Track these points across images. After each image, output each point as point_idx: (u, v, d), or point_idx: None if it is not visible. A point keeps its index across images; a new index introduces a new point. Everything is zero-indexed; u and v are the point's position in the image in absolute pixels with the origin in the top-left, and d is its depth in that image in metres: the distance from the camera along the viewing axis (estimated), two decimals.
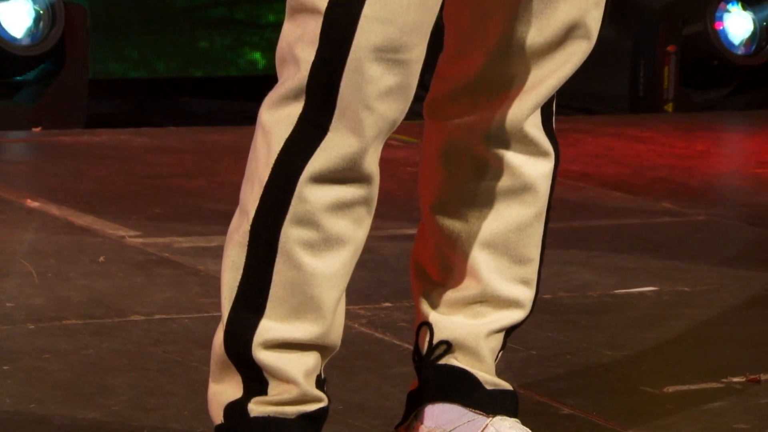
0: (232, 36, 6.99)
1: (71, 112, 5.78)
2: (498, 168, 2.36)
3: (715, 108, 6.15)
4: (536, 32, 2.31)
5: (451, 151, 2.38)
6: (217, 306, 2.20)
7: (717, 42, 6.13)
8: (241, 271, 2.21)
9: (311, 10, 2.13)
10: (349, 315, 2.42)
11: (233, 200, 4.12)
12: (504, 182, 2.37)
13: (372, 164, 2.17)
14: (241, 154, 4.77)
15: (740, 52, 6.11)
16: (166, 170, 4.73)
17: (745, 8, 6.18)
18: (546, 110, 2.39)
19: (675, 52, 6.05)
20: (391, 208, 3.33)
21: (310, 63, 2.13)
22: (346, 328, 2.28)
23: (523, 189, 2.38)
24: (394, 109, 2.15)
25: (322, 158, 2.15)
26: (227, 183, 4.52)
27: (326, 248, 2.18)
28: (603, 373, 2.98)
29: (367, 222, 2.21)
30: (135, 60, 6.88)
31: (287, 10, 2.17)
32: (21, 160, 4.96)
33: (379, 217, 2.22)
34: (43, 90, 5.77)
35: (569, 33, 2.32)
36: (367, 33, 2.12)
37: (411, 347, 2.42)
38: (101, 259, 3.72)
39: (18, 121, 5.68)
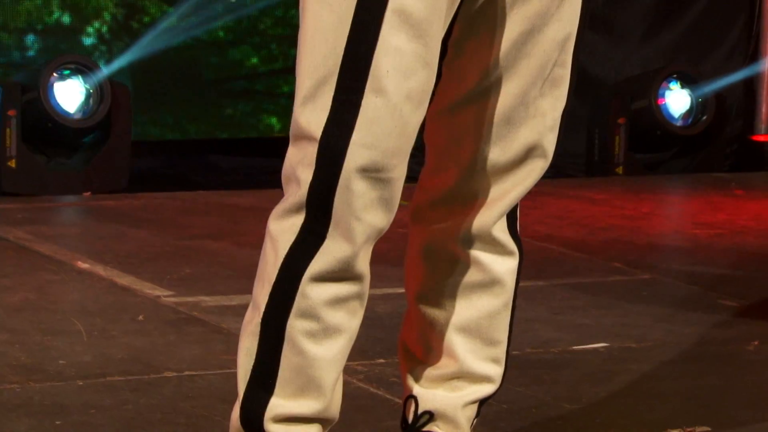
0: (252, 104, 6.99)
1: (116, 174, 5.76)
2: (471, 265, 2.37)
3: (658, 171, 6.13)
4: (501, 152, 2.32)
5: (432, 250, 2.39)
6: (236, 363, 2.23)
7: (659, 115, 6.12)
8: (254, 357, 2.24)
9: (309, 138, 2.13)
10: (347, 371, 2.44)
11: (251, 261, 4.12)
12: (476, 277, 2.38)
13: (363, 265, 2.19)
14: (257, 217, 4.79)
15: (679, 123, 6.10)
16: (195, 232, 4.70)
17: (683, 86, 6.18)
18: (511, 216, 2.40)
19: (624, 123, 6.05)
20: (385, 267, 3.29)
21: (309, 183, 2.14)
22: (346, 384, 2.29)
23: (492, 283, 2.39)
24: (380, 219, 2.16)
25: (320, 261, 2.17)
26: (246, 244, 4.50)
27: (326, 337, 2.20)
28: (562, 425, 2.97)
29: (360, 312, 2.24)
30: (170, 124, 6.87)
31: (290, 136, 2.18)
32: (74, 223, 4.94)
33: (373, 276, 2.22)
34: (93, 156, 5.75)
35: (528, 153, 2.33)
36: (355, 157, 2.13)
37: (401, 401, 2.44)
38: (140, 317, 3.69)
39: (72, 182, 5.66)
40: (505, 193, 2.34)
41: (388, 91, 2.14)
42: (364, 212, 2.15)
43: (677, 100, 6.13)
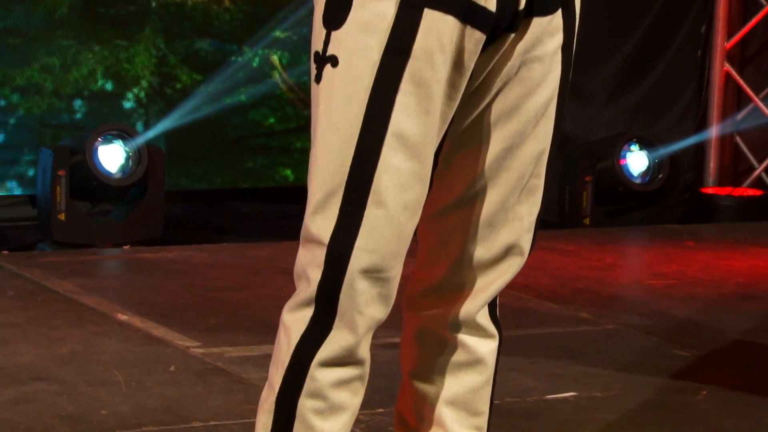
0: (269, 158, 7.00)
1: (152, 224, 5.75)
2: (458, 347, 2.37)
3: (620, 222, 6.11)
4: (484, 251, 2.31)
5: (424, 334, 2.39)
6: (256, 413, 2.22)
7: (621, 174, 6.11)
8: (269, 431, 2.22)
9: (318, 243, 2.13)
10: None
11: (268, 312, 4.14)
12: (462, 357, 2.37)
13: (364, 351, 2.20)
14: (273, 268, 4.80)
15: (638, 181, 6.08)
16: (220, 283, 4.66)
17: (641, 149, 6.18)
18: (492, 304, 2.39)
19: (591, 180, 6.04)
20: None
21: (317, 282, 2.13)
22: None
23: (476, 362, 2.38)
24: (380, 312, 2.16)
25: (327, 349, 2.17)
26: (264, 295, 4.47)
27: (332, 414, 2.20)
28: None
29: (362, 391, 2.25)
30: (199, 175, 6.87)
31: (301, 239, 2.19)
32: (115, 275, 4.87)
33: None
34: (132, 209, 5.74)
35: (508, 252, 2.32)
36: (359, 260, 2.12)
37: None
38: (172, 368, 3.66)
39: (113, 232, 5.66)
40: (487, 286, 2.33)
41: (387, 204, 2.13)
42: (366, 307, 2.15)
43: (636, 161, 6.12)
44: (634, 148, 6.12)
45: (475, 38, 2.14)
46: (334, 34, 2.13)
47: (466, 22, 2.12)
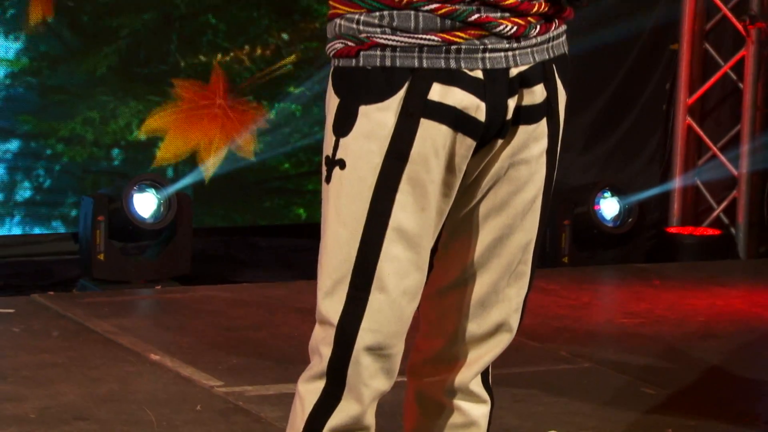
0: (285, 198, 6.99)
1: (181, 262, 5.72)
2: (453, 410, 2.37)
3: (595, 260, 6.08)
4: (477, 327, 2.31)
5: (423, 398, 2.39)
6: None
7: (595, 218, 6.09)
8: None
9: (329, 323, 2.15)
10: None
11: (283, 352, 4.10)
12: (458, 420, 2.37)
13: (370, 418, 2.22)
14: (289, 308, 4.77)
15: (610, 224, 6.06)
16: (240, 323, 4.63)
17: (613, 196, 6.15)
18: (484, 373, 2.38)
19: (569, 224, 6.01)
20: None
21: (328, 358, 2.15)
22: None
23: (470, 424, 2.38)
24: (383, 384, 2.18)
25: (337, 417, 2.17)
26: (280, 335, 4.44)
27: None
28: None
29: None
30: (222, 214, 6.85)
31: (316, 319, 2.18)
32: (148, 315, 4.82)
33: None
34: (162, 249, 5.72)
35: (498, 329, 2.32)
36: (364, 339, 2.13)
37: None
38: (198, 407, 3.63)
39: (147, 270, 5.63)
40: (480, 358, 2.34)
41: (389, 290, 2.14)
42: (371, 380, 2.16)
43: (609, 206, 6.10)
44: (607, 195, 6.10)
45: (466, 144, 2.14)
46: (342, 140, 2.14)
47: (458, 130, 2.13)
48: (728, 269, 5.93)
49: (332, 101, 2.15)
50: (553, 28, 2.18)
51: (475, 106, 2.11)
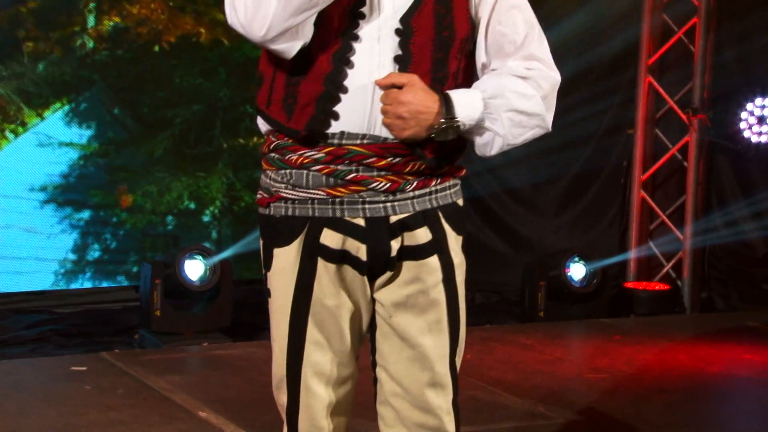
0: None
1: (223, 317, 5.69)
2: None
3: (567, 314, 6.04)
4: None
5: None
6: None
7: (566, 280, 6.03)
8: None
9: (282, 408, 2.26)
10: None
11: None
12: None
13: None
14: None
15: (578, 285, 6.02)
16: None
17: (580, 261, 6.12)
18: None
19: (544, 284, 5.98)
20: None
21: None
22: None
23: None
24: None
25: None
26: None
27: None
28: None
29: None
30: (256, 268, 6.79)
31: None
32: (195, 372, 4.71)
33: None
34: (208, 307, 5.69)
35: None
36: (303, 424, 2.22)
37: None
38: None
39: (195, 323, 5.60)
40: None
41: (312, 387, 2.19)
42: None
43: (577, 270, 6.07)
44: (576, 260, 6.06)
45: (358, 277, 2.18)
46: (268, 274, 2.22)
47: (346, 263, 2.17)
48: (675, 324, 5.89)
49: (260, 242, 2.24)
50: (433, 183, 2.18)
51: (356, 248, 2.15)
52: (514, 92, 2.10)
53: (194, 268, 5.65)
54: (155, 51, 6.59)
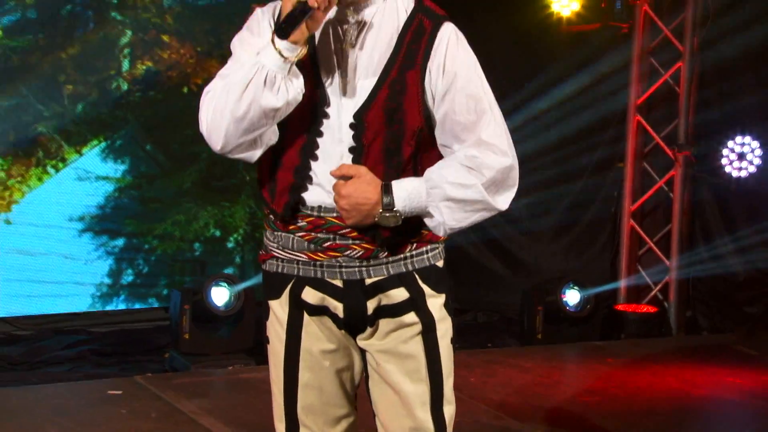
0: None
1: (246, 339, 5.66)
2: None
3: (562, 336, 6.01)
4: None
5: None
6: None
7: (562, 305, 6.02)
8: None
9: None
10: None
11: None
12: None
13: None
14: None
15: (573, 310, 6.00)
16: None
17: (574, 287, 6.09)
18: None
19: (542, 309, 5.95)
20: None
21: None
22: None
23: None
24: None
25: None
26: None
27: None
28: None
29: None
30: None
31: None
32: (221, 396, 4.63)
33: None
34: (232, 330, 5.67)
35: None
36: None
37: None
38: None
39: (222, 345, 5.59)
40: None
41: (309, 425, 2.21)
42: None
43: (572, 296, 6.05)
44: (571, 287, 6.04)
45: (338, 330, 2.21)
46: (266, 323, 2.27)
47: (328, 318, 2.21)
48: (663, 346, 5.85)
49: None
50: (408, 249, 2.19)
51: (334, 306, 2.19)
52: (451, 183, 2.11)
53: (220, 295, 5.64)
54: (184, 92, 6.59)
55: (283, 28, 2.02)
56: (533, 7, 6.56)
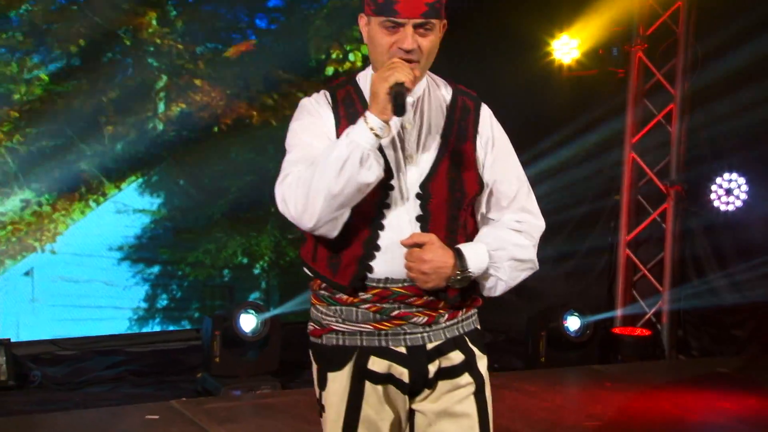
0: None
1: (272, 362, 5.64)
2: None
3: (563, 360, 5.97)
4: None
5: None
6: None
7: (563, 331, 6.00)
8: None
9: None
10: None
11: None
12: None
13: None
14: None
15: (574, 335, 5.97)
16: (318, 428, 4.50)
17: (575, 314, 6.06)
18: None
19: (545, 334, 5.92)
20: None
21: None
22: None
23: None
24: None
25: None
26: None
27: None
28: None
29: None
30: (303, 311, 6.78)
31: None
32: (250, 420, 4.56)
33: None
34: (259, 353, 5.64)
35: None
36: None
37: None
38: None
39: (250, 368, 5.57)
40: None
41: None
42: None
43: (573, 322, 6.02)
44: (572, 314, 6.01)
45: (401, 396, 2.18)
46: (322, 393, 2.22)
47: (392, 385, 2.17)
48: (656, 370, 5.80)
49: (313, 366, 2.23)
50: (460, 314, 2.21)
51: (399, 372, 2.16)
52: (513, 244, 2.18)
53: (248, 322, 5.62)
54: (214, 131, 6.60)
55: (401, 106, 2.00)
56: (536, 55, 6.56)
